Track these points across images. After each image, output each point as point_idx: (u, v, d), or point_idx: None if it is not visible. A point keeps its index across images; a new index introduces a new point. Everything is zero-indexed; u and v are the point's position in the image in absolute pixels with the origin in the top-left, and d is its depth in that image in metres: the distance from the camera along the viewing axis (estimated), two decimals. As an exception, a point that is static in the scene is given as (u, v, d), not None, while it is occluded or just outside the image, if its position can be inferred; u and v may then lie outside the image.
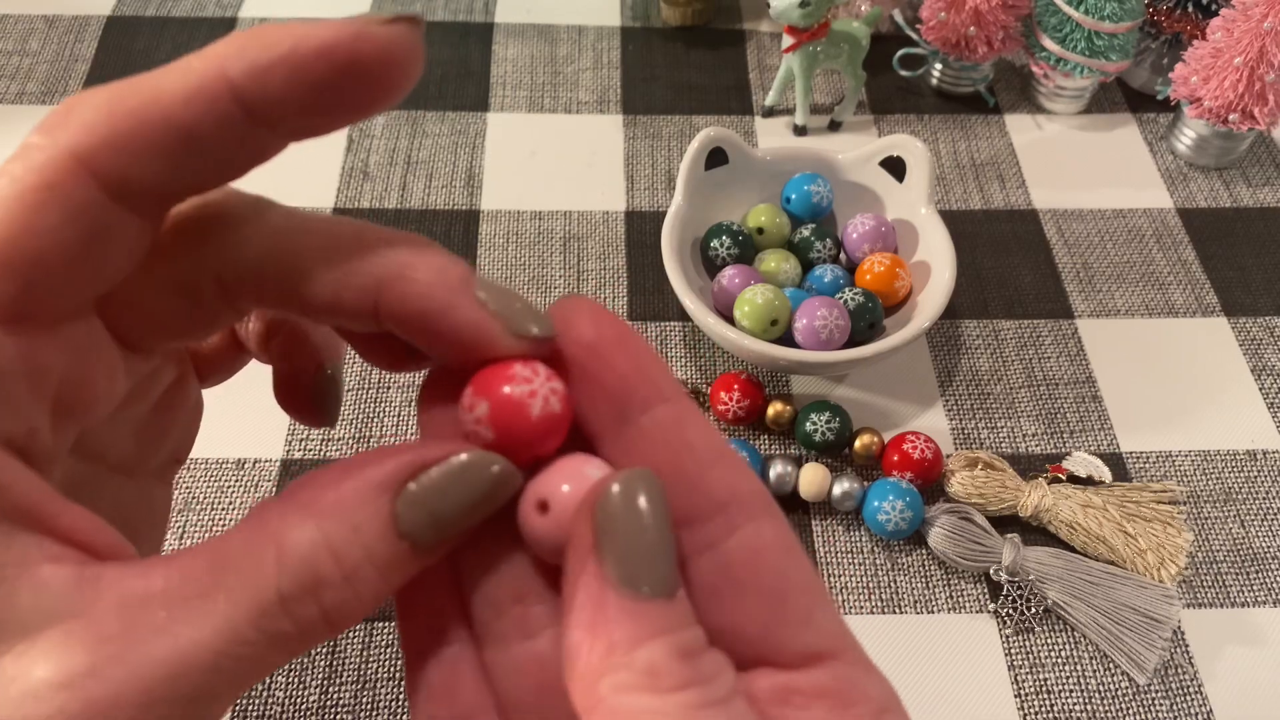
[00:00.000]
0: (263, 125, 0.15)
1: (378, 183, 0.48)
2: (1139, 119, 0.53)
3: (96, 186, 0.15)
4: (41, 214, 0.14)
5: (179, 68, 0.15)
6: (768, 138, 0.51)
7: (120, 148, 0.15)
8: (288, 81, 0.15)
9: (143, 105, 0.15)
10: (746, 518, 0.16)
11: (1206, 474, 0.39)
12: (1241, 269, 0.46)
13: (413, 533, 0.16)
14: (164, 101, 0.15)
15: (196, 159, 0.15)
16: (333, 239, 0.17)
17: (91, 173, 0.15)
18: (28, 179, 0.14)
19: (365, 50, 0.15)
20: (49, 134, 0.15)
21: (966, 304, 0.44)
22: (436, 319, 0.16)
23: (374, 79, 0.15)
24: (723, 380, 0.39)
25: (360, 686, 0.33)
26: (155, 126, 0.15)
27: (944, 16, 0.49)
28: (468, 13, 0.57)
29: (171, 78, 0.15)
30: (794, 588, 0.16)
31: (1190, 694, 0.34)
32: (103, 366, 0.17)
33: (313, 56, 0.15)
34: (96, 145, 0.15)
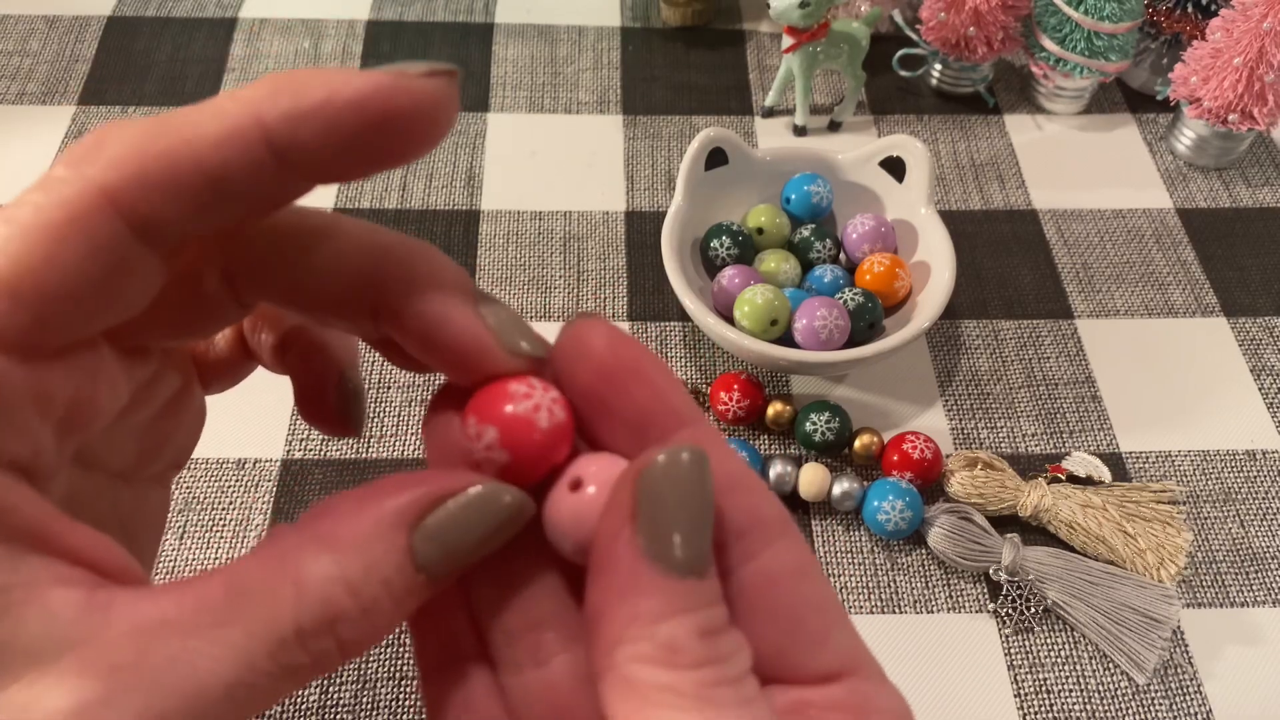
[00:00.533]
0: (293, 171, 0.15)
1: (377, 182, 0.48)
2: (1138, 119, 0.53)
3: (121, 223, 0.15)
4: (63, 247, 0.14)
5: (212, 109, 0.15)
6: (768, 138, 0.51)
7: (149, 187, 0.14)
8: (321, 131, 0.15)
9: (175, 146, 0.15)
10: (764, 544, 0.16)
11: (1206, 474, 0.39)
12: (1241, 269, 0.46)
13: (428, 565, 0.16)
14: (196, 144, 0.15)
15: (224, 201, 0.15)
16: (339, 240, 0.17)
17: (117, 209, 0.14)
18: (52, 211, 0.14)
19: (400, 103, 0.15)
20: (76, 167, 0.15)
21: (966, 304, 0.44)
22: (433, 329, 0.16)
23: (408, 132, 0.15)
24: (723, 380, 0.39)
25: (360, 687, 0.33)
26: (185, 168, 0.15)
27: (944, 17, 0.49)
28: (468, 13, 0.57)
29: (204, 119, 0.15)
30: (809, 613, 0.17)
31: (1190, 694, 0.34)
32: (106, 382, 0.17)
33: (347, 107, 0.15)
34: (125, 183, 0.14)
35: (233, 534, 0.36)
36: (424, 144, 0.16)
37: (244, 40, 0.54)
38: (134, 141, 0.15)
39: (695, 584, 0.15)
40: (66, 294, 0.15)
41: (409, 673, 0.33)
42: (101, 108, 0.51)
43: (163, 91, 0.52)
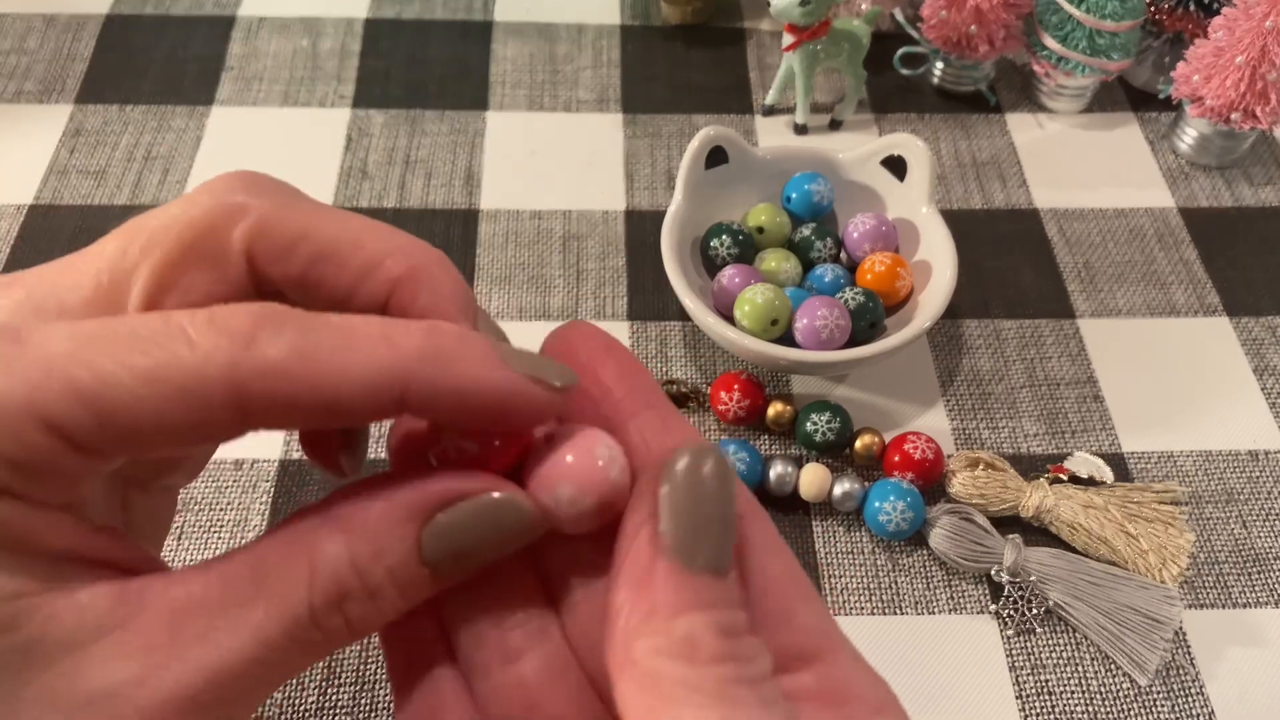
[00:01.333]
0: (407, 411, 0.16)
1: (376, 182, 0.48)
2: (1140, 118, 0.53)
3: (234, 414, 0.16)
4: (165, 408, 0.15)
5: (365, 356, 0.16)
6: (768, 137, 0.51)
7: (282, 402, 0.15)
8: (449, 408, 0.16)
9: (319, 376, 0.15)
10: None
11: (1208, 474, 0.39)
12: (1243, 268, 0.46)
13: (434, 561, 0.17)
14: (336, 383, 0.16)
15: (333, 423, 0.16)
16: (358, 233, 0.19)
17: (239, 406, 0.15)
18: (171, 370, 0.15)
19: (519, 406, 0.16)
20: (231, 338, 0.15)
21: (967, 303, 0.44)
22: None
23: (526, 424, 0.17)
24: (723, 380, 0.39)
25: (360, 687, 0.33)
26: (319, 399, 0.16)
27: (945, 15, 0.49)
28: (467, 11, 0.56)
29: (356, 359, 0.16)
30: (770, 586, 0.17)
31: (1192, 695, 0.34)
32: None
33: (480, 398, 0.16)
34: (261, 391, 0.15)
35: (230, 534, 0.36)
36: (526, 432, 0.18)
37: (242, 38, 0.54)
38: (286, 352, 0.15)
39: (713, 581, 0.16)
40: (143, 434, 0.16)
41: (408, 674, 0.32)
42: (99, 106, 0.50)
43: (160, 90, 0.51)
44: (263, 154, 0.49)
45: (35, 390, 0.15)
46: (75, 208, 0.46)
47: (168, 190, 0.47)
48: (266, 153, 0.49)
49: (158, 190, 0.47)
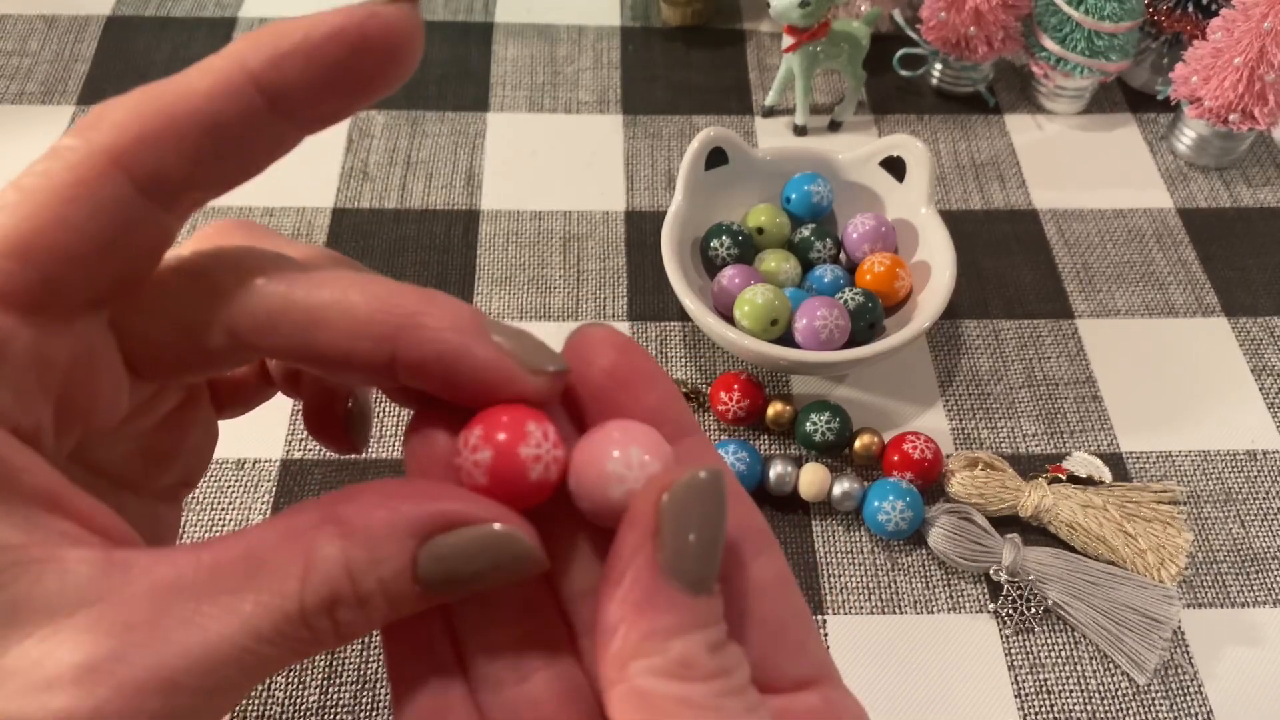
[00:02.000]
0: (282, 114, 0.16)
1: (377, 183, 0.48)
2: (1139, 119, 0.53)
3: (128, 182, 0.15)
4: (72, 208, 0.15)
5: (201, 66, 0.16)
6: (768, 138, 0.51)
7: (151, 143, 0.15)
8: (304, 67, 0.16)
9: (171, 102, 0.15)
10: (752, 555, 0.17)
11: (1206, 474, 0.39)
12: (1242, 269, 0.46)
13: (427, 580, 0.16)
14: (190, 98, 0.15)
15: (222, 151, 0.16)
16: (345, 294, 0.17)
17: (123, 169, 0.15)
18: (61, 175, 0.15)
19: (372, 28, 0.16)
20: (82, 135, 0.15)
21: (966, 304, 0.44)
22: (455, 363, 0.17)
23: (382, 55, 0.16)
24: (723, 380, 0.39)
25: (360, 687, 0.33)
26: (183, 121, 0.15)
27: (944, 16, 0.49)
28: (467, 12, 0.57)
29: (195, 76, 0.16)
30: (791, 621, 0.17)
31: (1190, 694, 0.34)
32: (108, 376, 0.17)
33: (326, 40, 0.16)
34: (129, 142, 0.15)
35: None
36: (399, 67, 0.17)
37: (243, 40, 0.54)
38: (133, 105, 0.15)
39: (706, 600, 0.16)
40: (75, 254, 0.15)
41: (408, 673, 0.32)
42: (101, 107, 0.51)
43: (162, 91, 0.51)
44: (264, 155, 0.49)
45: None
46: (77, 208, 0.46)
47: (169, 191, 0.47)
48: (268, 154, 0.49)
49: (159, 191, 0.47)
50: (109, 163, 0.15)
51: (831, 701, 0.17)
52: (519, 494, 0.16)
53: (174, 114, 0.15)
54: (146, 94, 0.16)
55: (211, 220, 0.19)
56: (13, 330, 0.15)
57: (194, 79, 0.16)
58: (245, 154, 0.16)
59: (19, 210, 0.15)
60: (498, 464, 0.16)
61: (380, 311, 0.17)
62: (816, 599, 0.35)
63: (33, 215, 0.15)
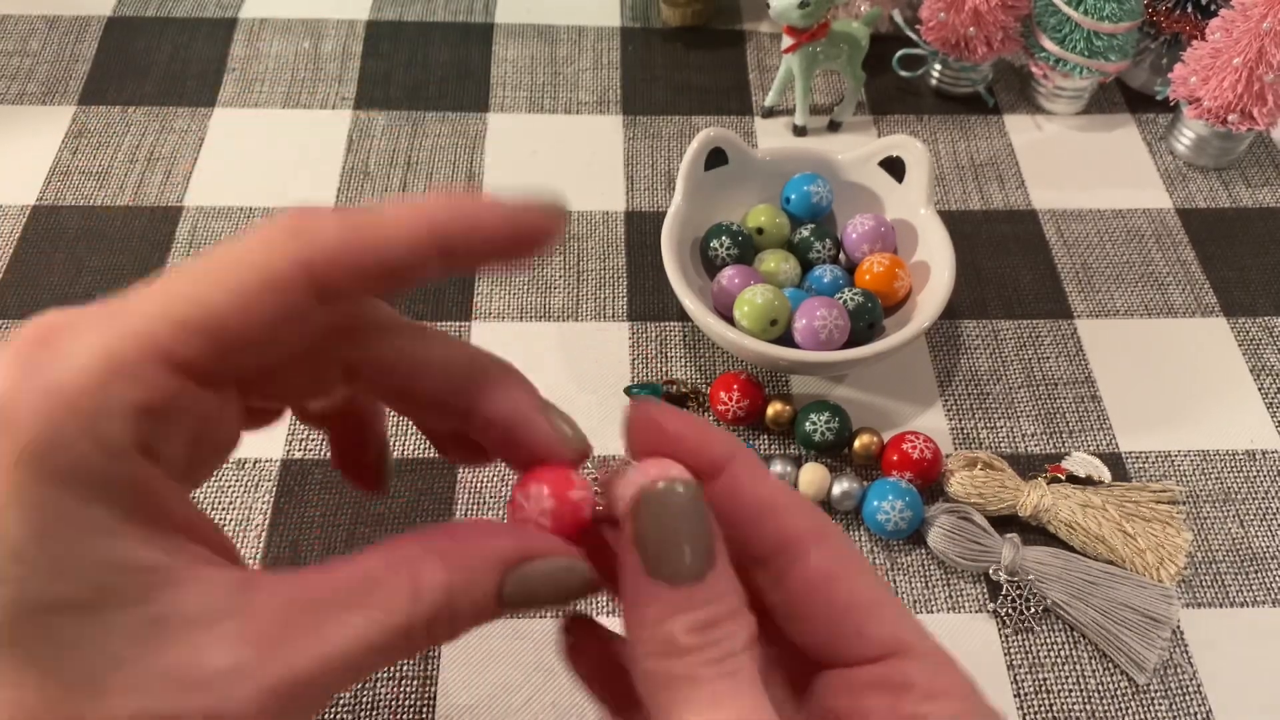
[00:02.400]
0: (448, 264, 0.20)
1: (378, 183, 0.48)
2: (1138, 119, 0.53)
3: (314, 296, 0.19)
4: (263, 308, 0.18)
5: (397, 214, 0.20)
6: (767, 138, 0.51)
7: (344, 268, 0.19)
8: (481, 242, 0.20)
9: (369, 243, 0.19)
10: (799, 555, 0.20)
11: (1205, 474, 0.39)
12: (1240, 269, 0.46)
13: (510, 601, 0.20)
14: (386, 245, 0.19)
15: (395, 284, 0.20)
16: (447, 354, 0.22)
17: (315, 285, 0.18)
18: (251, 275, 0.18)
19: (532, 222, 0.20)
20: (287, 236, 0.19)
21: (966, 304, 0.44)
22: (519, 427, 0.21)
23: (536, 244, 0.21)
24: (723, 380, 0.39)
25: (360, 686, 0.33)
26: (372, 260, 0.19)
27: (943, 17, 0.49)
28: (468, 13, 0.57)
29: (391, 221, 0.19)
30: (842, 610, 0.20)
31: (1189, 693, 0.34)
32: (233, 418, 0.21)
33: (501, 226, 0.20)
34: (324, 262, 0.19)
35: (233, 534, 0.36)
36: (539, 254, 0.21)
37: (244, 40, 0.54)
38: (337, 232, 0.19)
39: (689, 589, 0.19)
40: (253, 344, 0.19)
41: (409, 673, 0.33)
42: (101, 108, 0.51)
43: (162, 91, 0.52)
44: (265, 155, 0.49)
45: (152, 335, 0.18)
46: (78, 208, 0.46)
47: (169, 191, 0.47)
48: (268, 154, 0.49)
49: (160, 191, 0.47)
50: (304, 276, 0.18)
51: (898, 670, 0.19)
52: (573, 526, 0.21)
53: (368, 252, 0.19)
54: (349, 225, 0.19)
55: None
56: (185, 393, 0.18)
57: (389, 225, 0.19)
58: (407, 285, 0.20)
59: (213, 296, 0.18)
60: (559, 507, 0.21)
61: (470, 377, 0.21)
62: (816, 598, 0.35)
63: (227, 301, 0.18)
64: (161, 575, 0.18)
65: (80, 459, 0.18)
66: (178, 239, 0.45)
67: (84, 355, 0.18)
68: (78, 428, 0.18)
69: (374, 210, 0.20)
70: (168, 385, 0.18)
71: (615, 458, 0.38)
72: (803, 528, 0.21)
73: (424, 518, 0.37)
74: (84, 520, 0.18)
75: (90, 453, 0.18)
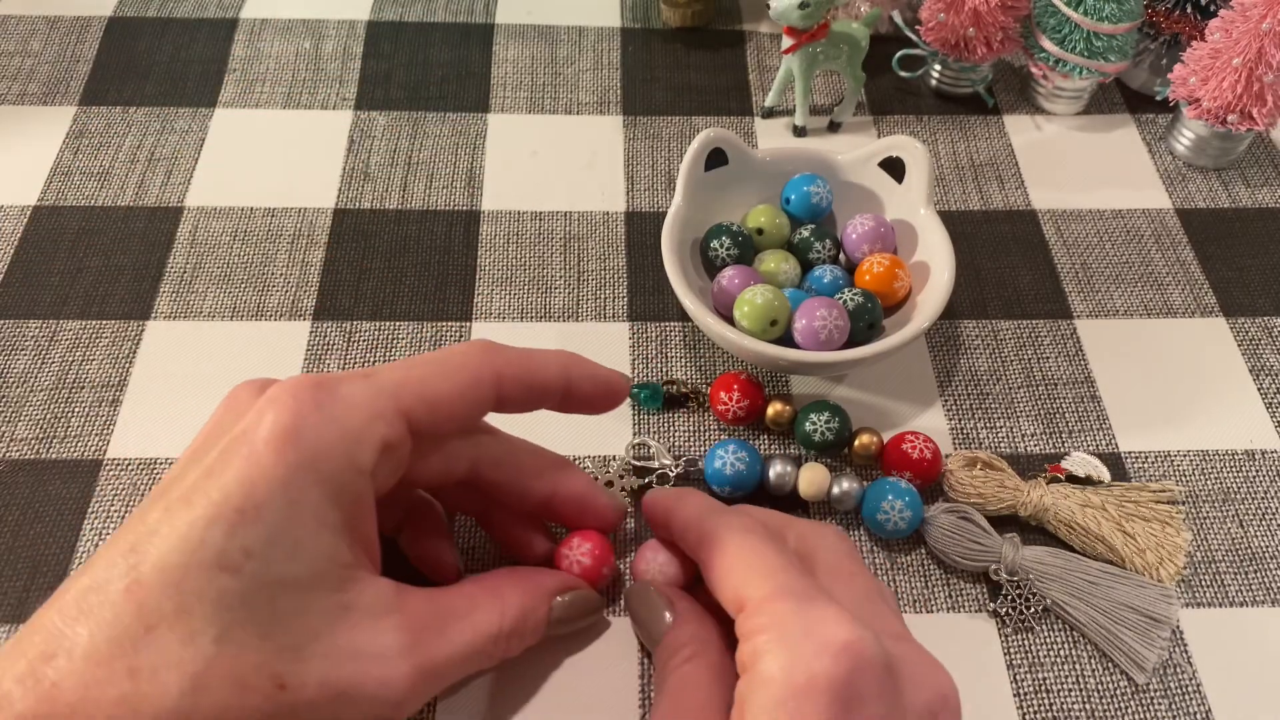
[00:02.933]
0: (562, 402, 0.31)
1: (378, 183, 0.48)
2: (1138, 120, 0.53)
3: (495, 397, 0.28)
4: (464, 398, 0.28)
5: (546, 357, 0.30)
6: (767, 138, 0.51)
7: (513, 382, 0.29)
8: (591, 392, 0.31)
9: (533, 368, 0.29)
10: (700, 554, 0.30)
11: (1205, 474, 0.39)
12: (1240, 269, 0.46)
13: (556, 619, 0.30)
14: (544, 370, 0.29)
15: (533, 403, 0.30)
16: (536, 457, 0.32)
17: (498, 391, 0.28)
18: (469, 370, 0.28)
19: (619, 388, 0.32)
20: (486, 353, 0.29)
21: (965, 304, 0.44)
22: (585, 504, 0.32)
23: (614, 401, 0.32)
24: (722, 380, 0.39)
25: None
26: (527, 382, 0.29)
27: (943, 18, 0.50)
28: (468, 14, 0.57)
29: (541, 361, 0.29)
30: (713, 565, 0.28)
31: (1189, 693, 0.34)
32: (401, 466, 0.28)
33: (603, 387, 0.31)
34: (507, 378, 0.28)
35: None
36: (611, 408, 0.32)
37: (245, 40, 0.54)
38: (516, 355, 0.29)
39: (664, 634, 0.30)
40: (446, 419, 0.27)
41: (410, 672, 0.33)
42: (102, 108, 0.51)
43: (163, 92, 0.52)
44: (265, 156, 0.49)
45: (398, 397, 0.26)
46: (79, 209, 0.46)
47: (170, 191, 0.47)
48: (269, 155, 0.49)
49: (160, 192, 0.47)
50: (496, 382, 0.28)
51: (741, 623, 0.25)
52: (596, 573, 0.33)
53: (532, 371, 0.29)
54: (523, 351, 0.29)
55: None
56: (407, 441, 0.26)
57: (546, 361, 0.29)
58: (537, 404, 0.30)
59: (440, 380, 0.27)
60: (595, 557, 0.33)
61: (552, 467, 0.32)
62: (816, 598, 0.35)
63: (448, 388, 0.27)
64: (352, 572, 0.24)
65: (338, 470, 0.24)
66: (178, 239, 0.45)
67: (358, 399, 0.25)
68: (344, 449, 0.24)
69: (534, 351, 0.29)
70: (402, 432, 0.26)
71: (615, 458, 0.38)
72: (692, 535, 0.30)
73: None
74: (324, 517, 0.24)
75: (346, 468, 0.24)
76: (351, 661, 0.23)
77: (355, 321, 0.43)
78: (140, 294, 0.43)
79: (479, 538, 0.36)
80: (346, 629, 0.24)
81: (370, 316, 0.43)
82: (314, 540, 0.23)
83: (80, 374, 0.41)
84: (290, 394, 0.24)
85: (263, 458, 0.23)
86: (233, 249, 0.45)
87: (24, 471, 0.37)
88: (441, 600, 0.27)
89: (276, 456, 0.23)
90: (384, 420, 0.25)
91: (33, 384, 0.40)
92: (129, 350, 0.41)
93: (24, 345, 0.41)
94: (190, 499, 0.23)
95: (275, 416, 0.24)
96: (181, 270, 0.44)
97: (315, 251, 0.45)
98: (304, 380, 0.25)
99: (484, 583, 0.28)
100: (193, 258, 0.45)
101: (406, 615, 0.25)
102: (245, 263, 0.45)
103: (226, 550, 0.22)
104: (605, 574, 0.33)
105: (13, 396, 0.40)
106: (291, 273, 0.44)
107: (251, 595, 0.22)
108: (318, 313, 0.43)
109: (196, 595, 0.22)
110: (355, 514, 0.25)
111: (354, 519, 0.25)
